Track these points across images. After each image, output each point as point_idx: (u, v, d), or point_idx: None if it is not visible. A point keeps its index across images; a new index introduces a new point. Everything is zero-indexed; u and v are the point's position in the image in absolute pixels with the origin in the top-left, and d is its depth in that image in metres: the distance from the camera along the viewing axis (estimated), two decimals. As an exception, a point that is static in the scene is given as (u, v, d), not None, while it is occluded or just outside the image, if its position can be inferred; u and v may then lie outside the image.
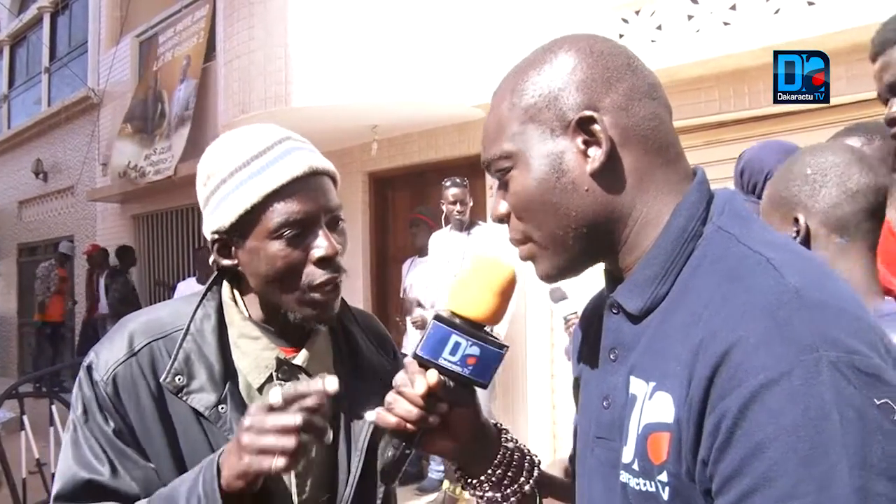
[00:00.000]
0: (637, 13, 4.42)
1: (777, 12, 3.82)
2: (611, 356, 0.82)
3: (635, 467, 0.73)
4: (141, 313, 1.18)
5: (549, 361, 5.00)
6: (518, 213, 0.82)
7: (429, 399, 0.85)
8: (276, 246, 1.06)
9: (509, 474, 0.94)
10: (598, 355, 0.85)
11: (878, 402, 0.60)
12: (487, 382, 0.88)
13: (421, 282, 4.94)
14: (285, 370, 1.14)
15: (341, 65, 5.11)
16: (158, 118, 8.66)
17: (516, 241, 0.84)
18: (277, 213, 1.05)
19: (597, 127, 0.76)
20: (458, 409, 0.90)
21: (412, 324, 4.85)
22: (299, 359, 1.15)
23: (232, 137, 1.13)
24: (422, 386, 0.85)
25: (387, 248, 6.71)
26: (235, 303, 1.17)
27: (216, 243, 1.12)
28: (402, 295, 5.26)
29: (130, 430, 1.08)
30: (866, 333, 0.64)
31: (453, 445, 0.93)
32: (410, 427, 0.86)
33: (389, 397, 0.87)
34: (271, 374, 1.14)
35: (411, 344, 4.71)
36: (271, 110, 5.28)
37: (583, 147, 0.77)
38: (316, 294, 1.08)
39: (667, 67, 4.19)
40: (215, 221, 1.10)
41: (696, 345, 0.67)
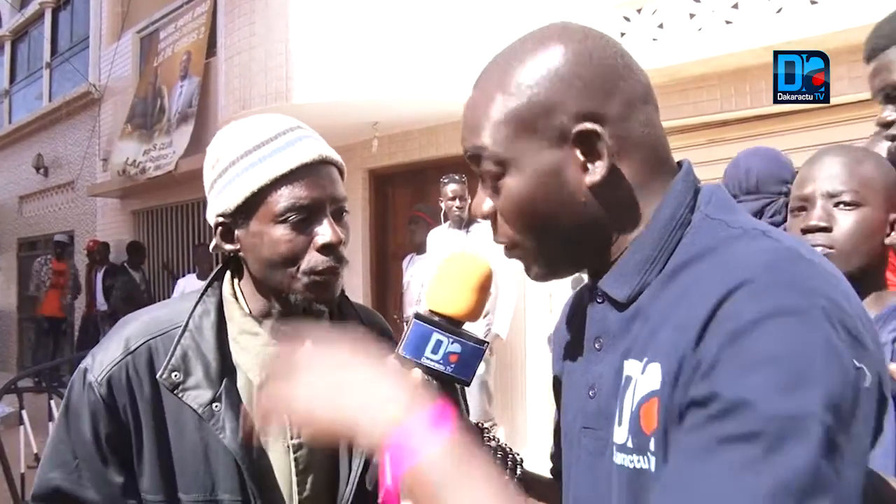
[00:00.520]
0: (639, 11, 4.41)
1: (779, 11, 3.81)
2: (595, 345, 0.81)
3: (629, 445, 0.72)
4: (140, 313, 1.18)
5: (549, 360, 5.00)
6: (508, 218, 0.80)
7: None
8: (280, 230, 1.06)
9: None
10: (582, 347, 0.85)
11: (857, 365, 0.61)
12: (470, 380, 0.88)
13: (419, 278, 4.95)
14: None
15: (342, 61, 5.11)
16: (158, 113, 8.66)
17: (504, 244, 0.83)
18: (284, 198, 1.05)
19: (598, 140, 0.74)
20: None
21: (405, 321, 4.84)
22: None
23: (243, 124, 1.14)
24: None
25: (387, 246, 6.71)
26: (236, 298, 1.16)
27: (219, 227, 1.12)
28: (404, 291, 5.27)
29: (122, 433, 1.07)
30: (853, 302, 0.66)
31: None
32: None
33: None
34: None
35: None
36: (272, 106, 5.28)
37: (582, 159, 0.75)
38: (315, 276, 1.08)
39: (668, 66, 4.19)
40: (221, 204, 1.10)
41: (692, 308, 0.67)
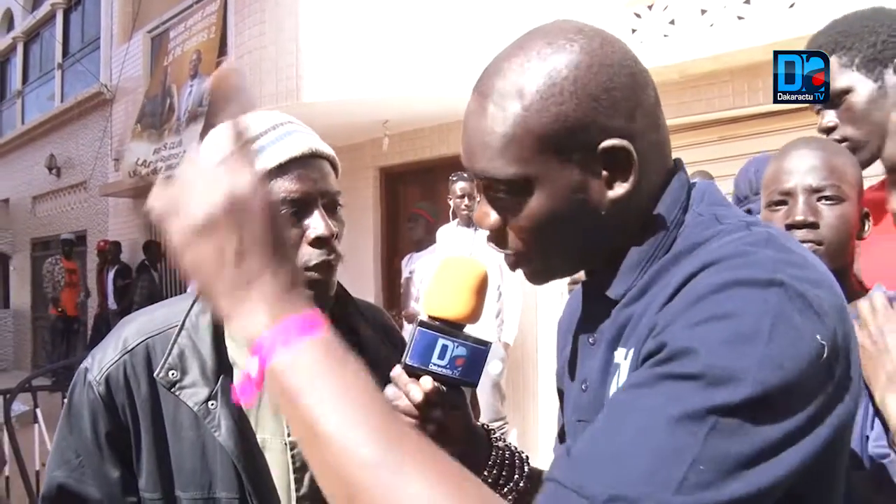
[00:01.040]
0: (650, 8, 4.39)
1: (791, 7, 3.79)
2: (590, 340, 0.83)
3: None
4: (138, 313, 1.18)
5: (560, 357, 4.99)
6: (522, 234, 0.78)
7: (424, 408, 0.84)
8: None
9: (504, 473, 0.94)
10: (578, 344, 0.86)
11: (818, 338, 0.62)
12: (477, 381, 0.88)
13: (421, 274, 4.97)
14: None
15: (352, 60, 5.12)
16: (167, 112, 8.68)
17: (509, 255, 0.82)
18: (274, 192, 1.04)
19: (627, 156, 0.73)
20: (453, 412, 0.89)
21: (405, 318, 4.91)
22: None
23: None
24: (418, 395, 0.83)
25: (397, 243, 6.72)
26: None
27: None
28: (402, 290, 5.30)
29: (121, 431, 1.08)
30: (824, 282, 0.67)
31: (450, 452, 0.92)
32: None
33: None
34: None
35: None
36: (282, 105, 5.29)
37: (606, 175, 0.74)
38: (312, 273, 1.07)
39: (680, 63, 4.17)
40: None
41: (666, 295, 0.69)
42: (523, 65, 0.75)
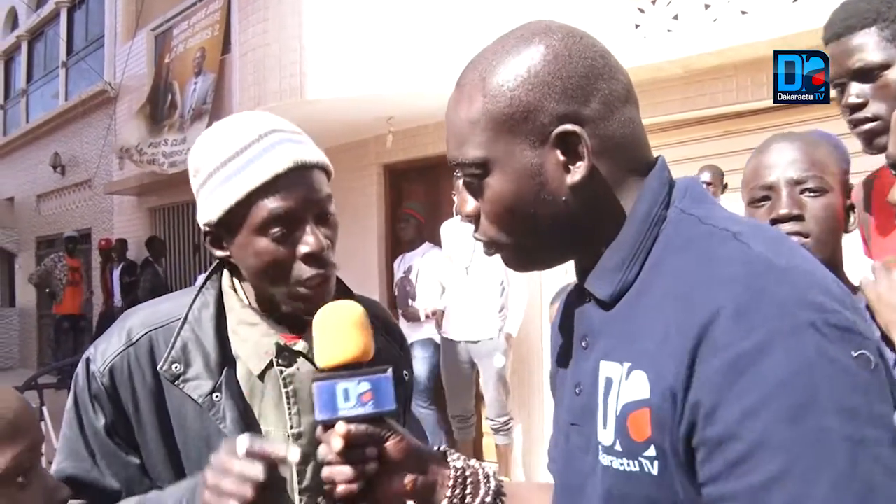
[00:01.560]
0: (653, 3, 4.38)
1: (795, 1, 3.77)
2: (582, 344, 0.83)
3: (618, 448, 0.74)
4: (142, 306, 1.19)
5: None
6: (490, 217, 0.81)
7: (353, 451, 0.86)
8: (263, 242, 1.05)
9: (468, 492, 0.93)
10: (572, 345, 0.87)
11: (855, 355, 0.63)
12: (395, 408, 0.89)
13: (431, 270, 4.98)
14: (286, 356, 1.14)
15: (356, 57, 5.11)
16: (169, 109, 8.68)
17: (485, 243, 0.85)
18: (262, 210, 1.04)
19: (578, 141, 0.76)
20: (389, 443, 0.89)
21: (403, 317, 4.95)
22: (300, 345, 1.15)
23: (219, 130, 1.13)
24: (338, 443, 0.85)
25: (402, 241, 6.71)
26: (235, 290, 1.17)
27: (208, 235, 1.13)
28: (395, 291, 5.32)
29: (125, 421, 1.09)
30: (834, 291, 0.67)
31: (404, 485, 0.91)
32: (354, 486, 0.85)
33: (325, 474, 0.87)
34: (272, 360, 1.14)
35: (408, 337, 4.81)
36: (287, 102, 5.28)
37: (563, 159, 0.77)
38: (303, 289, 1.07)
39: (684, 57, 4.15)
40: (205, 214, 1.10)
41: (673, 321, 0.69)
42: (489, 58, 0.80)
